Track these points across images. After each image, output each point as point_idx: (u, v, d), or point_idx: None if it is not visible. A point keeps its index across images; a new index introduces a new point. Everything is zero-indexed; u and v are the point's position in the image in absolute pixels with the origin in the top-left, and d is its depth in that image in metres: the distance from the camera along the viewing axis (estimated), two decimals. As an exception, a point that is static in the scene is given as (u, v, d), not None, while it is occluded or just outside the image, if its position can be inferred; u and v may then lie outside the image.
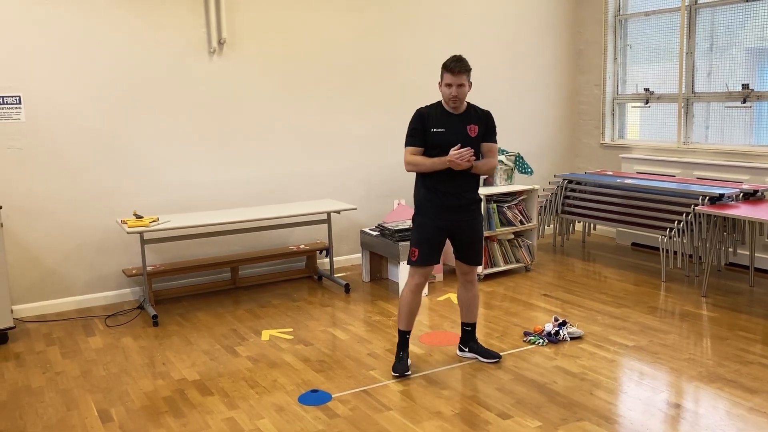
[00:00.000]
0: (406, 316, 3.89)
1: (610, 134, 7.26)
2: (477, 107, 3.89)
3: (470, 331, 4.07)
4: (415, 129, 3.78)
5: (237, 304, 5.28)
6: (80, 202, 5.18)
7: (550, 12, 7.16)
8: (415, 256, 3.82)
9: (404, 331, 3.92)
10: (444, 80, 3.74)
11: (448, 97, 3.74)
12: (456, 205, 3.79)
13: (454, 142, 3.70)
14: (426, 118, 3.77)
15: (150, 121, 5.35)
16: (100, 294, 5.35)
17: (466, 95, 3.77)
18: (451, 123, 3.77)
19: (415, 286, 3.86)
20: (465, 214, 3.83)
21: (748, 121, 6.00)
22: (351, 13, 6.07)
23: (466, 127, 3.78)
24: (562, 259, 6.44)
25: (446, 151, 3.69)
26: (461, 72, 3.69)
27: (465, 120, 3.80)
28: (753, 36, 5.91)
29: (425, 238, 3.81)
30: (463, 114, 3.81)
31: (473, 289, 4.01)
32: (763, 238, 5.68)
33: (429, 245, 3.81)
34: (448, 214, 3.79)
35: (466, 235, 3.87)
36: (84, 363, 4.19)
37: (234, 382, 3.83)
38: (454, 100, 3.74)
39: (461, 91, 3.72)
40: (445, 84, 3.73)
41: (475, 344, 4.08)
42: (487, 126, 3.86)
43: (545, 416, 3.33)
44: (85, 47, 5.07)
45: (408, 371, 3.86)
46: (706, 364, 3.90)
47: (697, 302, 5.03)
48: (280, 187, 5.93)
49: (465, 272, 3.98)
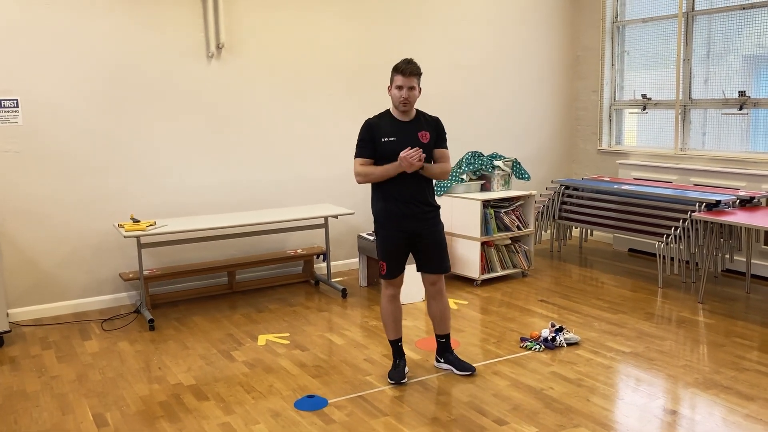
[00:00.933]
0: (392, 325, 3.88)
1: (607, 140, 7.28)
2: (425, 113, 3.85)
3: (444, 342, 3.99)
4: (364, 140, 3.73)
5: (233, 309, 5.27)
6: (77, 205, 5.18)
7: (548, 18, 7.18)
8: (384, 270, 3.78)
9: (394, 340, 3.90)
10: (394, 83, 3.68)
11: (399, 100, 3.68)
12: (413, 213, 3.74)
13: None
14: (375, 128, 3.72)
15: (148, 124, 5.35)
16: (97, 298, 5.34)
17: (416, 99, 3.72)
18: (402, 131, 3.72)
19: (391, 297, 3.85)
20: (424, 222, 3.77)
21: (744, 128, 6.02)
22: (350, 19, 6.08)
23: (417, 133, 3.73)
24: (559, 264, 6.44)
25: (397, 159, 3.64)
26: (412, 74, 3.65)
27: (415, 127, 3.75)
28: (750, 43, 5.93)
29: (389, 250, 3.77)
30: (413, 121, 3.77)
31: (443, 299, 3.91)
32: (759, 244, 5.69)
33: (395, 257, 3.77)
34: (407, 222, 3.74)
35: (429, 243, 3.79)
36: (80, 367, 4.18)
37: (230, 387, 3.82)
38: (405, 104, 3.68)
39: (412, 94, 3.67)
40: (396, 86, 3.67)
41: (450, 355, 3.99)
42: (438, 132, 3.82)
43: (542, 422, 3.33)
44: (84, 51, 5.07)
45: (404, 379, 3.84)
46: (702, 371, 3.90)
47: (693, 309, 5.03)
48: (278, 191, 5.93)
49: (433, 282, 3.87)
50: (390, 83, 3.72)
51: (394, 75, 3.69)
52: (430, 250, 3.80)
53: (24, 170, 4.98)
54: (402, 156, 3.58)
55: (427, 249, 3.80)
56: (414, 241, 3.78)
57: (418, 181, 3.73)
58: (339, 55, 6.06)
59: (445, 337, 3.98)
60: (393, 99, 3.72)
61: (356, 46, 6.13)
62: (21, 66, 4.89)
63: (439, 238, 3.82)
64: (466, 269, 5.79)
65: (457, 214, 5.78)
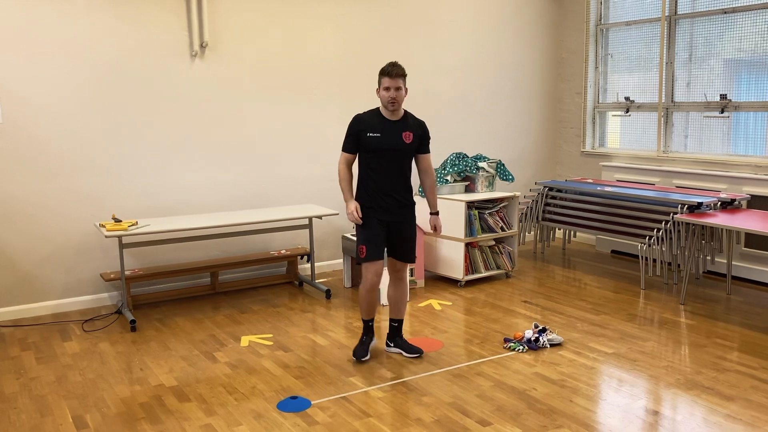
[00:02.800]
0: (366, 308, 4.17)
1: (590, 142, 7.32)
2: (413, 116, 4.12)
3: (397, 327, 4.27)
4: (349, 135, 4.03)
5: (216, 310, 5.24)
6: (58, 205, 5.12)
7: (533, 20, 7.21)
8: (364, 253, 4.03)
9: (367, 320, 4.21)
10: (382, 84, 3.95)
11: (387, 101, 3.94)
12: (391, 205, 4.04)
13: (389, 147, 3.97)
14: (362, 123, 4.01)
15: (130, 124, 5.31)
16: (78, 298, 5.28)
17: (403, 99, 3.97)
18: (388, 128, 3.99)
19: (371, 285, 4.07)
20: (400, 214, 4.08)
21: (725, 131, 6.08)
22: (335, 19, 6.07)
23: (401, 133, 4.01)
24: (542, 266, 6.46)
25: (381, 154, 3.97)
26: (398, 76, 3.92)
27: (401, 127, 4.02)
28: (731, 47, 5.99)
29: (369, 235, 4.03)
30: (400, 121, 4.03)
31: (403, 286, 4.24)
32: (740, 246, 5.74)
33: (374, 242, 4.03)
34: (386, 213, 4.04)
35: (403, 233, 4.11)
36: (59, 368, 4.13)
37: (212, 389, 3.79)
38: (392, 103, 3.93)
39: (399, 95, 3.93)
40: (384, 88, 3.94)
41: (400, 339, 4.27)
42: (422, 136, 4.11)
43: (525, 423, 3.33)
44: (66, 49, 5.02)
45: (366, 356, 4.13)
46: (683, 372, 3.93)
47: (675, 310, 5.07)
48: (262, 191, 5.90)
49: (397, 269, 4.19)
50: (378, 86, 3.98)
51: (381, 78, 3.95)
52: (402, 240, 4.12)
53: (4, 169, 4.91)
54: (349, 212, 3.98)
55: (400, 239, 4.12)
56: (390, 229, 4.09)
57: (397, 177, 4.04)
58: (324, 55, 6.05)
59: (398, 322, 4.27)
60: (382, 99, 3.98)
61: (341, 47, 6.12)
62: (1, 64, 4.82)
63: (411, 231, 4.15)
64: (450, 270, 5.79)
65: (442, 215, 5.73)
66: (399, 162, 4.03)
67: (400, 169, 4.04)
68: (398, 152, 4.00)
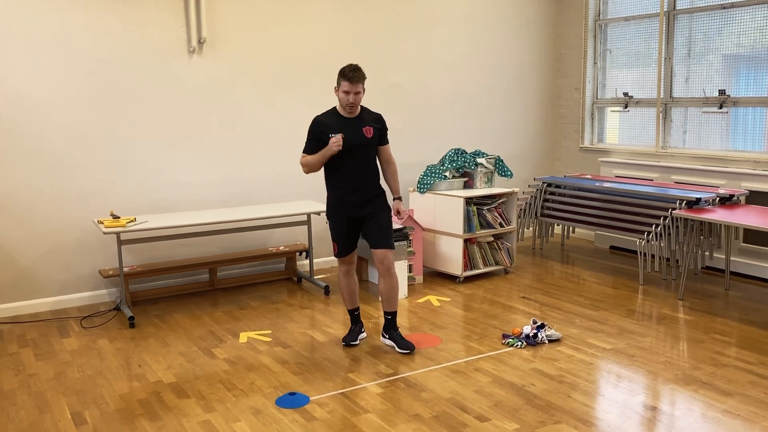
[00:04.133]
0: (348, 297, 4.39)
1: (589, 138, 7.31)
2: (369, 110, 4.26)
3: (391, 319, 4.33)
4: (312, 138, 4.14)
5: (215, 306, 5.24)
6: (56, 201, 5.11)
7: (531, 16, 7.20)
8: (336, 250, 4.26)
9: (351, 310, 4.43)
10: (341, 87, 4.05)
11: (345, 103, 4.07)
12: (359, 200, 4.17)
13: (351, 144, 4.07)
14: (322, 125, 4.11)
15: (128, 120, 5.30)
16: (76, 295, 5.28)
17: (360, 101, 4.11)
18: (347, 126, 4.11)
19: (345, 272, 4.34)
20: (370, 206, 4.19)
21: (724, 127, 6.08)
22: (333, 15, 6.05)
23: (361, 129, 4.13)
24: (541, 261, 6.47)
25: (345, 152, 4.05)
26: (358, 81, 4.03)
27: (360, 123, 4.15)
28: (730, 43, 5.98)
29: (340, 233, 4.22)
30: (358, 117, 4.16)
31: (392, 278, 4.24)
32: (738, 242, 5.75)
33: (344, 238, 4.22)
34: (354, 209, 4.18)
35: (373, 223, 4.20)
36: (58, 365, 4.13)
37: (211, 385, 3.80)
38: (351, 107, 4.09)
39: (357, 98, 4.07)
40: (343, 91, 4.05)
41: (394, 332, 4.32)
42: (381, 129, 4.24)
43: (523, 419, 3.34)
44: (64, 45, 5.00)
45: (355, 341, 4.34)
46: (682, 367, 3.93)
47: (673, 305, 5.07)
48: (260, 187, 5.89)
49: (381, 259, 4.20)
50: (337, 86, 4.09)
51: (341, 80, 4.05)
52: (375, 228, 4.20)
53: (2, 165, 4.91)
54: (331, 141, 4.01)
55: (372, 228, 4.20)
56: (360, 223, 4.22)
57: (363, 171, 4.17)
58: (322, 51, 6.03)
59: (391, 315, 4.31)
60: (341, 101, 4.11)
61: (339, 43, 6.11)
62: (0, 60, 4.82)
63: (382, 219, 4.22)
64: (448, 266, 5.79)
65: (440, 211, 5.79)
66: (362, 157, 4.15)
67: (364, 164, 4.17)
68: (361, 148, 4.12)
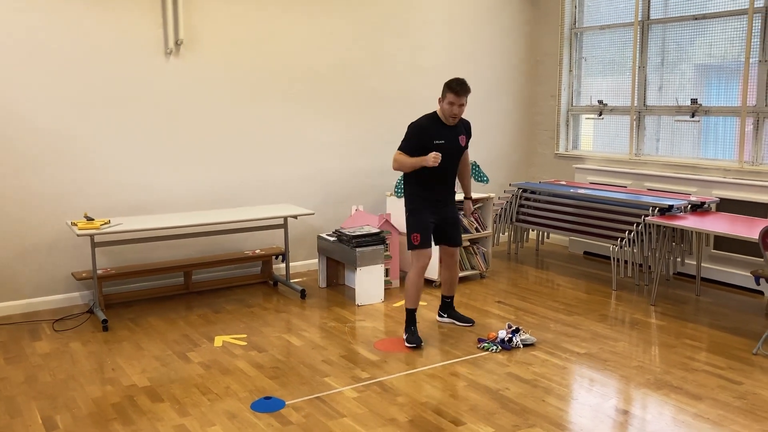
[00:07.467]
0: (415, 296, 4.49)
1: (564, 144, 7.40)
2: (461, 117, 4.50)
3: (449, 302, 4.85)
4: (411, 139, 4.37)
5: (190, 310, 5.20)
6: (29, 202, 5.04)
7: (509, 23, 7.27)
8: (418, 240, 4.42)
9: (412, 309, 4.49)
10: (447, 99, 4.31)
11: (449, 114, 4.34)
12: (440, 198, 4.49)
13: (450, 151, 4.39)
14: (426, 131, 4.36)
15: (103, 121, 5.24)
16: (48, 297, 5.20)
17: (463, 113, 4.39)
18: (449, 134, 4.41)
19: (420, 269, 4.47)
20: (447, 204, 4.54)
21: (696, 135, 6.19)
22: (312, 19, 6.05)
23: (458, 137, 4.46)
24: (516, 266, 6.52)
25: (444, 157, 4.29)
26: (464, 94, 4.30)
27: (457, 131, 4.46)
28: (701, 53, 6.10)
29: (423, 225, 4.44)
30: (456, 126, 4.46)
31: (456, 267, 4.77)
32: (709, 248, 5.85)
33: (427, 230, 4.46)
34: (437, 208, 4.49)
35: (452, 223, 4.59)
36: (29, 368, 4.07)
37: (185, 389, 3.77)
38: (454, 118, 4.36)
39: (461, 110, 4.35)
40: (448, 102, 4.31)
41: (453, 311, 4.85)
42: (469, 135, 4.60)
43: (498, 422, 3.36)
44: (37, 45, 4.94)
45: (422, 342, 4.41)
46: (653, 372, 3.99)
47: (646, 311, 5.15)
48: (237, 190, 5.87)
49: (451, 254, 4.69)
50: (442, 97, 4.34)
51: (447, 92, 4.31)
52: (452, 229, 4.61)
53: (-28, 166, 4.83)
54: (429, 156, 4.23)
55: (450, 228, 4.59)
56: (438, 221, 4.51)
57: (449, 173, 4.50)
58: (301, 54, 6.03)
59: (450, 298, 4.85)
60: (445, 112, 4.35)
61: (317, 47, 6.11)
62: (-30, 58, 4.74)
63: (458, 220, 4.67)
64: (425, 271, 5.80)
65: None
66: (452, 161, 4.47)
67: (452, 167, 4.49)
68: (455, 154, 4.47)
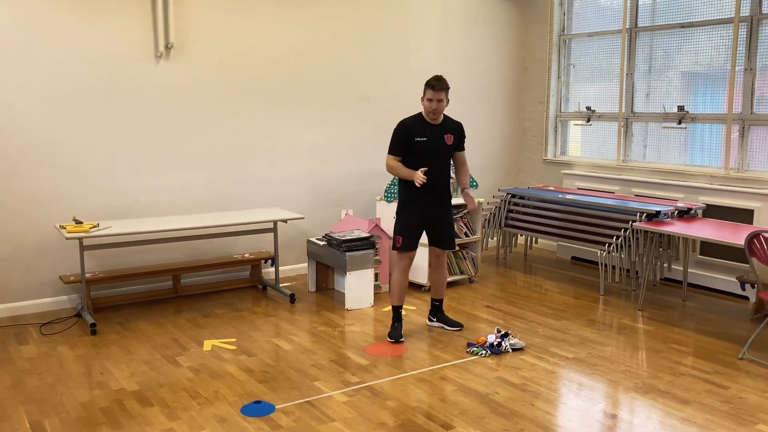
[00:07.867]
0: (401, 293, 4.63)
1: (552, 150, 7.44)
2: (450, 118, 4.60)
3: (439, 305, 4.85)
4: (398, 139, 4.44)
5: (179, 314, 5.18)
6: (17, 205, 5.01)
7: (498, 29, 7.31)
8: (399, 242, 4.52)
9: (398, 306, 4.64)
10: (426, 95, 4.40)
11: (429, 110, 4.41)
12: (433, 200, 4.52)
13: (434, 149, 4.44)
14: (409, 129, 4.43)
15: (92, 124, 5.22)
16: (36, 301, 5.17)
17: (444, 109, 4.44)
18: (432, 132, 4.45)
19: (405, 267, 4.59)
20: (440, 208, 4.57)
21: (683, 142, 6.25)
22: (302, 23, 6.06)
23: (443, 136, 4.49)
24: (504, 271, 6.55)
25: (427, 155, 4.41)
26: (441, 89, 4.36)
27: (442, 130, 4.50)
28: (688, 60, 6.17)
29: (408, 228, 4.52)
30: (441, 125, 4.51)
31: (443, 270, 4.79)
32: (695, 254, 5.90)
33: (411, 234, 4.53)
34: (428, 208, 4.52)
35: (443, 224, 4.62)
36: (16, 373, 4.04)
37: (175, 393, 3.76)
38: (434, 113, 4.42)
39: (440, 106, 4.40)
40: (427, 99, 4.40)
41: (442, 315, 4.86)
42: (460, 136, 4.61)
43: (487, 427, 3.38)
44: (26, 48, 4.92)
45: (402, 338, 4.54)
46: (641, 376, 4.03)
47: (633, 316, 5.19)
48: (226, 194, 5.86)
49: (438, 255, 4.73)
50: (423, 95, 4.42)
51: (426, 89, 4.40)
52: (443, 230, 4.64)
53: (-40, 168, 4.80)
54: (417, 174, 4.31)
55: (441, 230, 4.63)
56: (430, 222, 4.58)
57: (439, 173, 4.48)
58: (290, 59, 6.04)
59: (439, 301, 4.86)
60: (425, 108, 4.44)
61: (307, 51, 6.12)
62: (-41, 60, 4.72)
63: (450, 221, 4.67)
64: (414, 275, 5.82)
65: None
66: (440, 161, 4.47)
67: (441, 167, 4.48)
68: (441, 153, 4.48)
